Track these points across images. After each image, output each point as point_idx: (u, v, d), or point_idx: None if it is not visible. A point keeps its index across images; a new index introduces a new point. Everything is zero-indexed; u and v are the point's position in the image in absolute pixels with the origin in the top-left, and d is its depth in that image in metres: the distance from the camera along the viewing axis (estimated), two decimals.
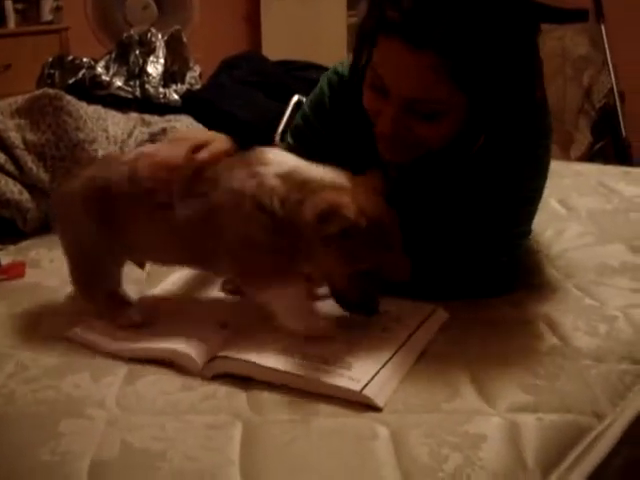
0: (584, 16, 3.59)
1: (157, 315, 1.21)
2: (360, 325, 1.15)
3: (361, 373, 1.03)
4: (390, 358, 1.08)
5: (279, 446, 0.91)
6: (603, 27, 3.86)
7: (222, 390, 1.03)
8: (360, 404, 0.99)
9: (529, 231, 1.38)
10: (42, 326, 1.23)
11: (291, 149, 1.30)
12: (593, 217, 1.69)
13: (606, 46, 3.83)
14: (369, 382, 1.01)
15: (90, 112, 1.83)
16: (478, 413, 0.98)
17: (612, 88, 3.82)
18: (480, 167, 1.28)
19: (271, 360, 1.05)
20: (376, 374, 1.03)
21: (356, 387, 1.00)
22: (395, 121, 1.21)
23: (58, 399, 1.02)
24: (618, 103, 3.84)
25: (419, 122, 1.20)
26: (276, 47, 4.05)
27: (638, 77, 3.89)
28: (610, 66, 3.81)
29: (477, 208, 1.29)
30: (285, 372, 1.03)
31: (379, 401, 0.99)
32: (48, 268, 1.47)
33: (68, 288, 1.33)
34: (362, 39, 1.26)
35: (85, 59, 2.28)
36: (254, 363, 1.05)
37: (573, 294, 1.33)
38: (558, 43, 3.82)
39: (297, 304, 1.13)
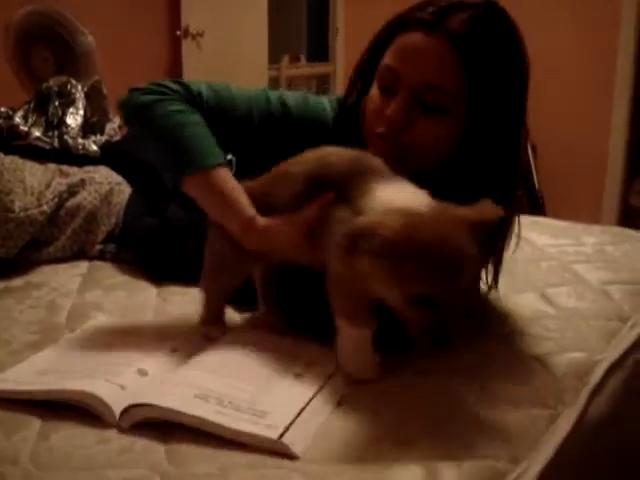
0: None
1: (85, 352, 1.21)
2: (271, 370, 1.16)
3: (277, 420, 1.03)
4: (306, 405, 1.08)
5: None
6: None
7: (140, 443, 1.02)
8: (277, 454, 0.99)
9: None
10: None
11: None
12: (506, 266, 1.72)
13: None
14: (286, 430, 1.01)
15: (7, 163, 1.81)
16: (397, 461, 0.98)
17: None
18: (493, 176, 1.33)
19: (187, 405, 1.04)
20: (292, 422, 1.03)
21: (273, 435, 1.00)
22: (402, 109, 1.27)
23: None
24: (531, 156, 3.98)
25: (422, 116, 1.27)
26: None
27: (548, 130, 4.04)
28: None
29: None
30: (202, 418, 1.02)
31: (297, 450, 0.99)
32: None
33: None
34: (360, 71, 1.40)
35: (3, 109, 2.25)
36: (170, 409, 1.03)
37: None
38: None
39: (361, 347, 1.16)
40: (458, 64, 1.24)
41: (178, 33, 4.32)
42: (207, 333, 1.31)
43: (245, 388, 1.11)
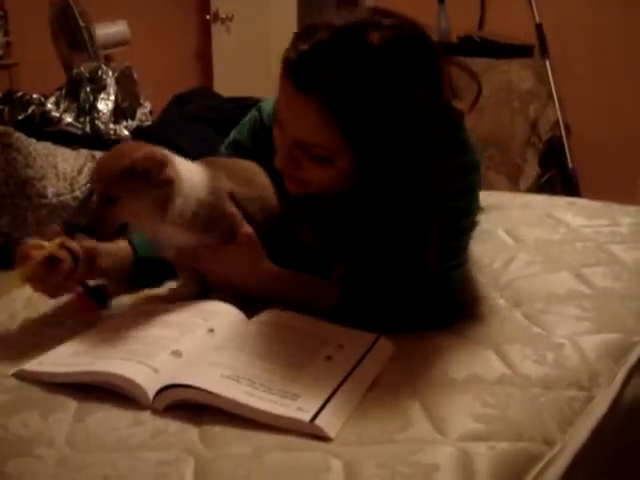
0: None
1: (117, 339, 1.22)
2: (302, 352, 1.17)
3: (309, 403, 1.03)
4: (338, 387, 1.08)
5: None
6: (548, 62, 3.96)
7: (173, 425, 1.02)
8: (311, 436, 0.99)
9: (461, 263, 1.40)
10: None
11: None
12: (540, 247, 1.72)
13: (551, 80, 3.92)
14: (319, 412, 1.01)
15: (39, 149, 1.82)
16: (430, 443, 0.98)
17: (558, 121, 3.91)
18: (402, 203, 1.28)
19: (220, 387, 1.05)
20: (325, 404, 1.03)
21: (305, 417, 1.00)
22: (286, 157, 1.28)
23: (6, 439, 0.99)
24: (564, 135, 3.93)
25: (309, 162, 1.26)
26: (227, 83, 4.07)
27: (582, 110, 3.99)
28: (555, 99, 3.90)
29: (405, 244, 1.29)
30: (235, 401, 1.03)
31: (330, 432, 0.99)
32: None
33: (16, 324, 1.32)
34: None
35: (35, 95, 2.27)
36: (204, 390, 1.04)
37: (521, 323, 1.36)
38: (504, 77, 3.90)
39: None
40: (333, 122, 1.20)
41: (207, 17, 4.32)
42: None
43: (276, 370, 1.11)
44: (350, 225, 1.35)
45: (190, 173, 1.31)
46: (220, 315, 1.31)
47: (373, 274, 1.33)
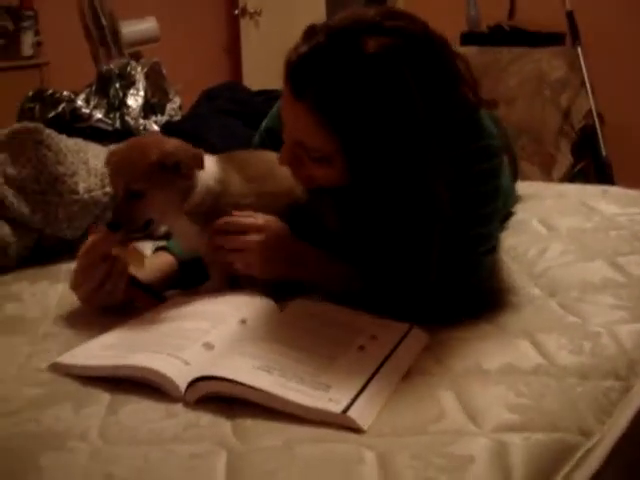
0: None
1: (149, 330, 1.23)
2: (334, 342, 1.16)
3: (341, 394, 1.02)
4: (371, 378, 1.07)
5: (265, 475, 0.90)
6: (580, 50, 3.91)
7: (205, 418, 1.02)
8: (344, 427, 0.98)
9: (491, 249, 1.39)
10: (24, 358, 1.22)
11: None
12: (574, 236, 1.69)
13: (583, 68, 3.87)
14: (351, 404, 1.00)
15: (70, 145, 1.83)
16: (464, 434, 0.97)
17: (590, 109, 3.85)
18: (398, 204, 1.28)
19: (251, 378, 1.04)
20: (358, 395, 1.02)
21: (336, 409, 0.99)
22: (289, 155, 1.30)
23: (39, 432, 1.00)
24: (597, 124, 3.88)
25: (309, 161, 1.28)
26: (256, 77, 4.07)
27: (616, 98, 3.93)
28: (588, 88, 3.85)
29: (432, 232, 1.29)
30: (266, 392, 1.02)
31: (363, 423, 0.98)
32: (30, 301, 1.45)
33: (49, 320, 1.33)
34: None
35: (65, 92, 2.28)
36: (235, 382, 1.04)
37: (556, 312, 1.34)
38: (535, 66, 3.86)
39: None
40: (326, 126, 1.20)
41: (236, 12, 4.33)
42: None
43: (308, 361, 1.10)
44: (358, 218, 1.35)
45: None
46: (252, 306, 1.30)
47: (386, 264, 1.33)
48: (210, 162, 1.35)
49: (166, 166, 1.25)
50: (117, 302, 1.34)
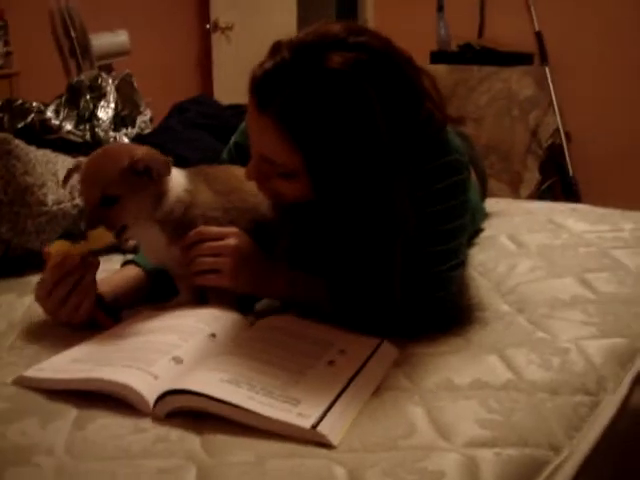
0: None
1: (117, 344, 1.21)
2: (304, 356, 1.16)
3: (310, 409, 1.02)
4: (341, 393, 1.07)
5: None
6: (547, 69, 3.96)
7: (175, 432, 1.01)
8: (314, 442, 0.98)
9: (460, 263, 1.39)
10: None
11: None
12: (543, 252, 1.71)
13: (551, 88, 3.92)
14: (321, 419, 1.00)
15: (39, 156, 1.81)
16: (436, 449, 0.97)
17: (558, 128, 3.91)
18: (361, 220, 1.29)
19: (220, 391, 1.03)
20: (328, 410, 1.02)
21: (306, 424, 0.99)
22: (255, 170, 1.30)
23: (4, 447, 0.98)
24: (564, 142, 3.93)
25: (275, 177, 1.28)
26: (227, 91, 4.06)
27: (582, 117, 3.99)
28: (556, 107, 3.90)
29: (394, 248, 1.29)
30: (235, 406, 1.01)
31: (333, 439, 0.98)
32: None
33: (15, 333, 1.32)
34: None
35: (35, 103, 2.26)
36: (204, 395, 1.02)
37: (525, 328, 1.34)
38: (504, 85, 3.90)
39: None
40: (290, 141, 1.21)
41: (207, 26, 4.32)
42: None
43: (277, 374, 1.10)
44: (322, 233, 1.36)
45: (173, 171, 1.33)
46: (222, 320, 1.29)
47: (351, 281, 1.33)
48: (179, 174, 1.36)
49: (137, 171, 1.26)
50: (82, 319, 1.32)
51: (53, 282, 1.30)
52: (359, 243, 1.30)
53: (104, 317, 1.34)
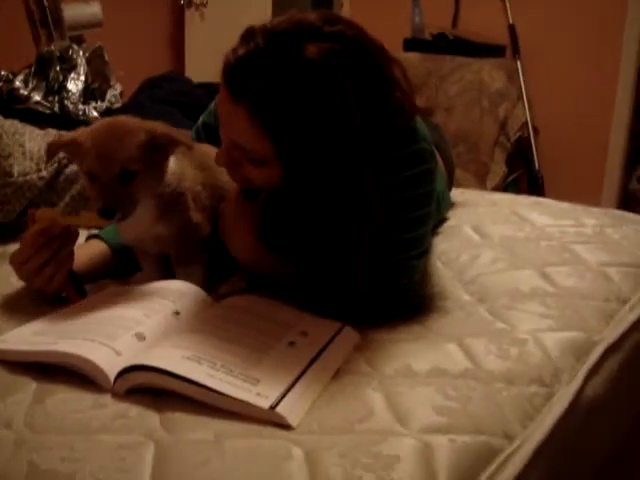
0: None
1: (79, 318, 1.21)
2: (265, 336, 1.17)
3: (270, 389, 1.02)
4: (300, 375, 1.08)
5: (192, 467, 0.90)
6: (519, 63, 3.99)
7: (134, 409, 1.01)
8: (273, 423, 0.99)
9: (424, 252, 1.41)
10: None
11: None
12: (505, 244, 1.73)
13: (522, 81, 3.95)
14: (280, 400, 1.01)
15: (6, 126, 1.79)
16: (392, 434, 0.98)
17: (526, 122, 3.94)
18: (330, 208, 1.31)
19: (180, 367, 1.04)
20: (287, 391, 1.03)
21: (264, 404, 0.99)
22: (226, 155, 1.30)
23: None
24: (532, 136, 3.96)
25: (246, 163, 1.28)
26: (199, 69, 4.04)
27: (551, 112, 4.02)
28: (525, 101, 3.93)
29: (361, 236, 1.31)
30: (195, 384, 1.02)
31: (291, 420, 0.99)
32: None
33: None
34: None
35: (3, 72, 2.23)
36: (164, 372, 1.03)
37: (485, 318, 1.36)
38: (476, 76, 3.92)
39: None
40: (262, 129, 1.21)
41: (182, 2, 4.29)
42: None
43: (238, 353, 1.10)
44: (291, 218, 1.38)
45: None
46: (187, 297, 1.30)
47: (315, 265, 1.35)
48: None
49: (155, 146, 1.25)
50: (53, 290, 1.32)
51: (34, 248, 1.28)
52: (327, 228, 1.31)
53: (73, 291, 1.33)
